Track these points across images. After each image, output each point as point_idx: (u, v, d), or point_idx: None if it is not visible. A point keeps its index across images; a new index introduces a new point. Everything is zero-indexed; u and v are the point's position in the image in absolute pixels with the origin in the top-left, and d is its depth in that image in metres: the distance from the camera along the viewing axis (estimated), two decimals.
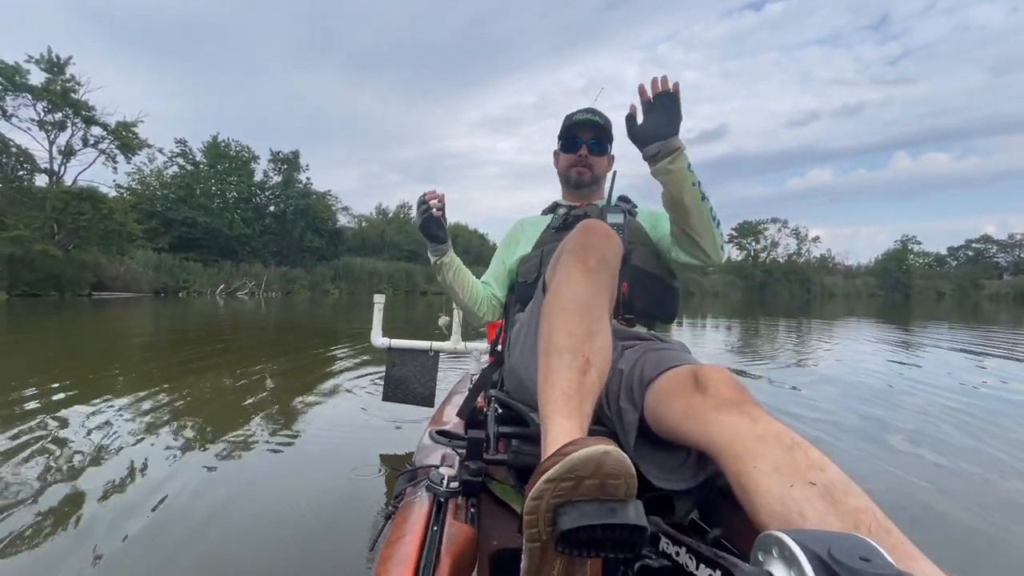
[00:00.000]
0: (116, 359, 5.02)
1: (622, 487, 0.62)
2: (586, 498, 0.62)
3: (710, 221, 1.22)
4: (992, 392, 3.85)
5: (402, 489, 0.97)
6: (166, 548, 1.44)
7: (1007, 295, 46.73)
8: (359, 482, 1.91)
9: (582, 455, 0.61)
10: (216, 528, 1.56)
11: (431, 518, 0.82)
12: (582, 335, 0.82)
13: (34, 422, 2.60)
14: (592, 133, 1.52)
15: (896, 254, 58.92)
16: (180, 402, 3.10)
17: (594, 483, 0.62)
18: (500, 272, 1.59)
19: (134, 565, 1.37)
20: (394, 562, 0.71)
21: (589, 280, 0.87)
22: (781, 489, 0.64)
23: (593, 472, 0.61)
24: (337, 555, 1.40)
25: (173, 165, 31.18)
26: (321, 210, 35.14)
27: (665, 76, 1.17)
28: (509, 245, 1.60)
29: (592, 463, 0.61)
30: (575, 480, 0.62)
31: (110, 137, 22.74)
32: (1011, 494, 1.98)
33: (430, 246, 1.51)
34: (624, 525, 0.61)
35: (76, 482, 1.88)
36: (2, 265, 17.84)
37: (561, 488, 0.62)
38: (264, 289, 27.51)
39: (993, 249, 62.71)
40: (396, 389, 2.36)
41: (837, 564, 0.44)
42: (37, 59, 20.47)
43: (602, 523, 0.60)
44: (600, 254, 0.90)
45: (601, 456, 0.61)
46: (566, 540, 0.61)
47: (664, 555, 0.70)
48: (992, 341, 7.47)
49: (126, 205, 23.56)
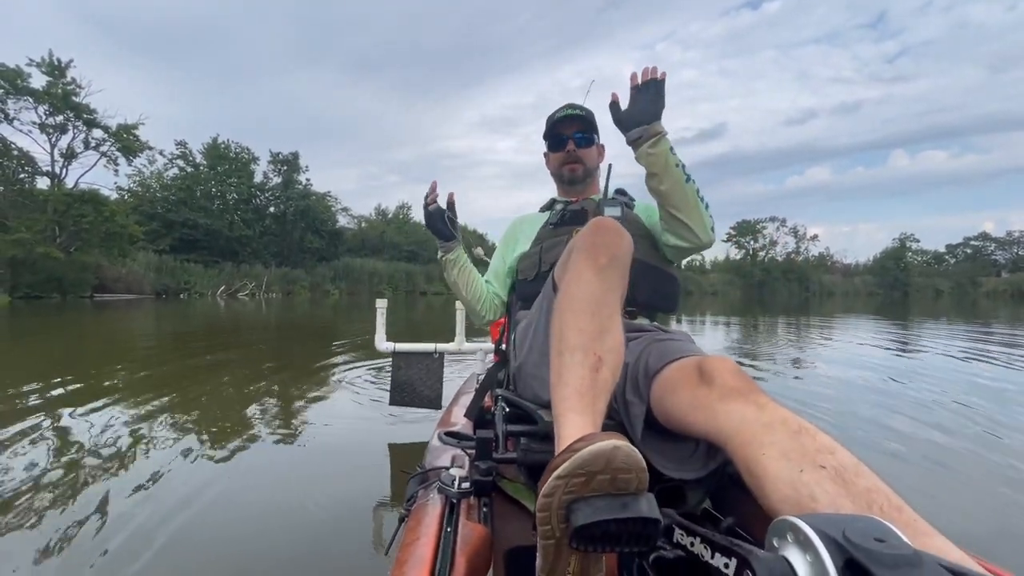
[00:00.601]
0: (121, 359, 5.02)
1: (633, 481, 0.62)
2: (598, 493, 0.62)
3: (697, 201, 1.23)
4: (987, 380, 3.85)
5: (414, 492, 0.96)
6: (181, 548, 1.44)
7: (1004, 292, 46.81)
8: (370, 481, 1.91)
9: (592, 451, 0.61)
10: (229, 529, 1.56)
11: (444, 519, 0.82)
12: (594, 333, 0.82)
13: (40, 421, 2.59)
14: (576, 127, 1.50)
15: (894, 252, 58.93)
16: (186, 402, 3.09)
17: (605, 478, 0.62)
18: (501, 270, 1.59)
19: (149, 563, 1.36)
20: (410, 564, 0.71)
21: (600, 278, 0.87)
22: (791, 474, 0.64)
23: (604, 467, 0.61)
24: (352, 558, 1.40)
25: (173, 167, 31.25)
26: (321, 211, 35.14)
27: (655, 66, 1.21)
28: (508, 243, 1.59)
29: (602, 458, 0.61)
30: (586, 476, 0.62)
31: (111, 140, 22.82)
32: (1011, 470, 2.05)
33: (438, 243, 1.52)
34: (637, 519, 0.61)
35: (89, 483, 1.87)
36: (4, 268, 17.90)
37: (573, 484, 0.62)
38: (265, 290, 27.51)
39: (991, 247, 62.75)
40: (403, 393, 2.36)
41: (852, 546, 0.44)
42: (38, 63, 20.58)
43: (615, 518, 0.60)
44: (611, 252, 0.88)
45: (611, 451, 0.61)
46: (580, 536, 0.61)
47: (679, 546, 0.70)
48: (988, 335, 7.48)
49: (127, 207, 23.66)
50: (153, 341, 6.94)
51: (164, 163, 30.58)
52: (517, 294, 1.44)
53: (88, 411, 2.85)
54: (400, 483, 1.84)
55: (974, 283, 54.00)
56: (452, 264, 1.53)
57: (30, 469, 2.00)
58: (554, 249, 1.34)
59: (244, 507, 1.72)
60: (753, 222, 57.20)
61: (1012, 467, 2.10)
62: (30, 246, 18.19)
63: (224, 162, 32.11)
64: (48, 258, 18.48)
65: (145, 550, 1.42)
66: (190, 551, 1.43)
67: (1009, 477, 2.01)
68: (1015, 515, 1.69)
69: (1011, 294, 44.32)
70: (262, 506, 1.72)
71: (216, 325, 9.63)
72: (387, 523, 1.58)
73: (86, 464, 2.08)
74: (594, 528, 0.61)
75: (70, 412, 2.83)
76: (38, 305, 15.09)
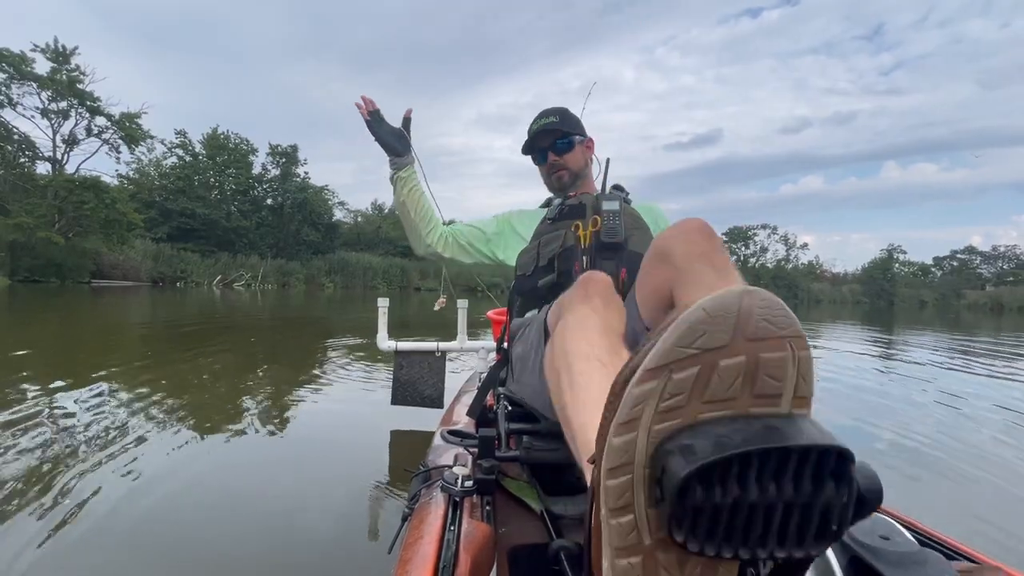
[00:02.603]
0: (121, 345, 4.98)
1: (788, 378, 0.35)
2: (726, 411, 0.34)
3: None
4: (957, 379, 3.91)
5: (417, 490, 0.96)
6: (181, 549, 1.43)
7: (984, 305, 47.26)
8: (372, 480, 1.90)
9: (712, 303, 0.35)
10: (229, 529, 1.54)
11: (447, 518, 0.82)
12: (606, 347, 0.75)
13: (38, 406, 2.57)
14: (551, 137, 1.47)
15: (881, 263, 59.29)
16: (181, 391, 3.07)
17: (737, 364, 0.34)
18: (477, 225, 1.56)
19: (149, 561, 1.35)
20: (414, 563, 0.71)
21: (599, 314, 0.82)
22: None
23: (731, 339, 0.34)
24: (356, 556, 1.39)
25: (172, 156, 31.01)
26: (318, 204, 34.96)
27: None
28: (500, 220, 1.56)
29: (728, 318, 0.34)
30: (700, 364, 0.34)
31: (114, 128, 22.77)
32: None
33: (389, 160, 1.48)
34: (810, 448, 0.32)
35: (83, 479, 1.85)
36: (4, 251, 17.92)
37: (676, 386, 0.34)
38: (260, 281, 27.37)
39: (976, 260, 63.26)
40: (405, 392, 2.33)
41: (857, 543, 0.45)
42: (43, 48, 20.44)
43: (765, 447, 0.32)
44: (603, 297, 0.85)
45: (744, 300, 0.35)
46: (689, 508, 0.33)
47: None
48: (961, 344, 7.58)
49: (126, 194, 23.49)
50: (150, 328, 6.88)
51: (162, 152, 30.42)
52: (516, 290, 1.42)
53: (83, 398, 2.82)
54: (403, 481, 1.83)
55: (958, 295, 54.45)
56: (404, 183, 1.47)
57: (17, 456, 1.98)
58: (552, 244, 1.32)
59: (244, 507, 1.70)
60: (745, 228, 57.41)
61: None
62: (31, 231, 18.20)
63: (223, 152, 31.87)
64: (49, 243, 18.49)
65: (145, 549, 1.41)
66: (190, 551, 1.41)
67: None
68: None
69: (990, 307, 44.73)
70: (263, 505, 1.70)
71: (216, 314, 9.58)
72: (390, 522, 1.56)
73: (84, 461, 2.05)
74: (720, 488, 0.32)
75: (66, 396, 2.80)
76: (37, 288, 14.98)
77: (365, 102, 1.47)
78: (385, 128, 1.47)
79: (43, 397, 2.81)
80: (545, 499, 0.97)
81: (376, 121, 1.47)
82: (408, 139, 1.49)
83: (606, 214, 1.30)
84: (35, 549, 1.34)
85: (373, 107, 1.47)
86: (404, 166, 1.47)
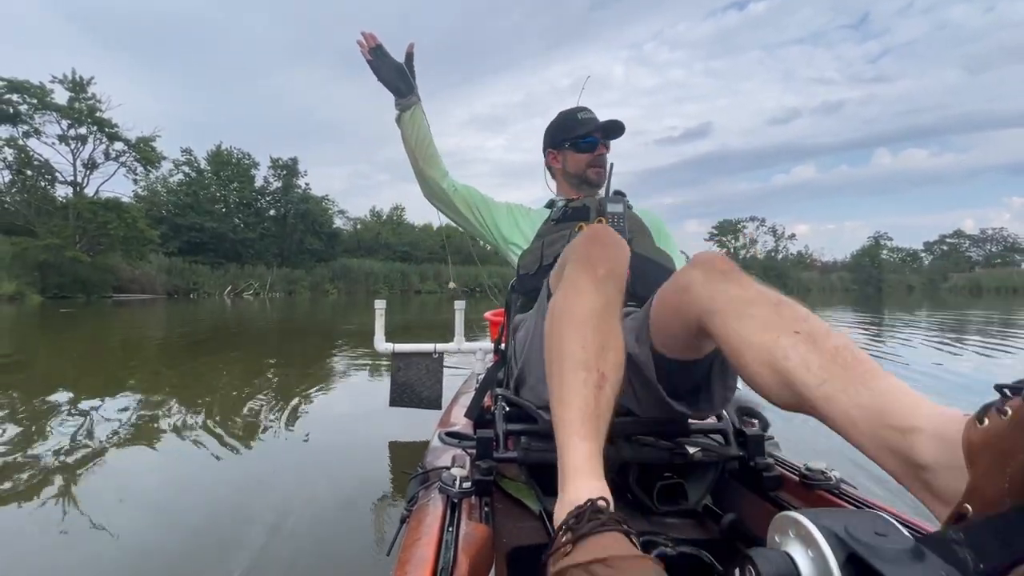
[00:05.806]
0: (149, 354, 4.97)
1: None
2: None
3: None
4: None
5: (415, 492, 0.94)
6: (181, 545, 1.42)
7: (964, 288, 47.36)
8: (370, 481, 1.88)
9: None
10: (229, 529, 1.53)
11: (445, 519, 0.80)
12: (596, 349, 0.75)
13: (70, 410, 2.56)
14: (619, 132, 1.46)
15: (869, 250, 59.36)
16: (194, 395, 3.06)
17: None
18: (487, 198, 1.53)
19: (149, 563, 1.34)
20: (412, 565, 0.69)
21: (599, 291, 0.80)
22: (769, 341, 0.66)
23: None
24: (354, 558, 1.38)
25: (179, 172, 31.25)
26: (319, 213, 35.08)
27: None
28: (507, 206, 1.54)
29: None
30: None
31: (131, 151, 23.73)
32: None
33: (395, 100, 1.42)
34: None
35: (90, 472, 1.85)
36: (36, 270, 18.98)
37: None
38: (268, 290, 27.55)
39: (966, 244, 63.27)
40: (402, 394, 2.31)
41: (854, 540, 0.43)
42: (61, 79, 21.55)
43: None
44: (609, 265, 0.83)
45: None
46: None
47: (683, 542, 0.69)
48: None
49: (142, 212, 24.10)
50: (179, 337, 6.89)
51: (169, 169, 30.58)
52: (517, 289, 1.40)
53: (101, 401, 2.82)
54: (401, 483, 1.82)
55: (945, 279, 54.51)
56: (409, 122, 1.42)
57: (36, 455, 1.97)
58: (556, 244, 1.31)
59: (244, 507, 1.68)
60: (734, 221, 57.46)
61: None
62: (59, 251, 19.38)
63: (227, 168, 32.01)
64: (75, 261, 19.64)
65: (145, 549, 1.40)
66: (190, 551, 1.40)
67: None
68: None
69: (969, 290, 44.77)
70: (263, 507, 1.68)
71: (228, 323, 9.58)
72: (388, 524, 1.55)
73: (90, 453, 2.04)
74: None
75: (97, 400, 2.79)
76: (66, 304, 15.26)
77: (366, 38, 1.39)
78: (388, 64, 1.39)
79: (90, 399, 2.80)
80: (544, 499, 0.95)
81: (379, 58, 1.39)
82: (411, 77, 1.42)
83: (611, 216, 1.30)
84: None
85: (375, 43, 1.39)
86: (409, 107, 1.42)
